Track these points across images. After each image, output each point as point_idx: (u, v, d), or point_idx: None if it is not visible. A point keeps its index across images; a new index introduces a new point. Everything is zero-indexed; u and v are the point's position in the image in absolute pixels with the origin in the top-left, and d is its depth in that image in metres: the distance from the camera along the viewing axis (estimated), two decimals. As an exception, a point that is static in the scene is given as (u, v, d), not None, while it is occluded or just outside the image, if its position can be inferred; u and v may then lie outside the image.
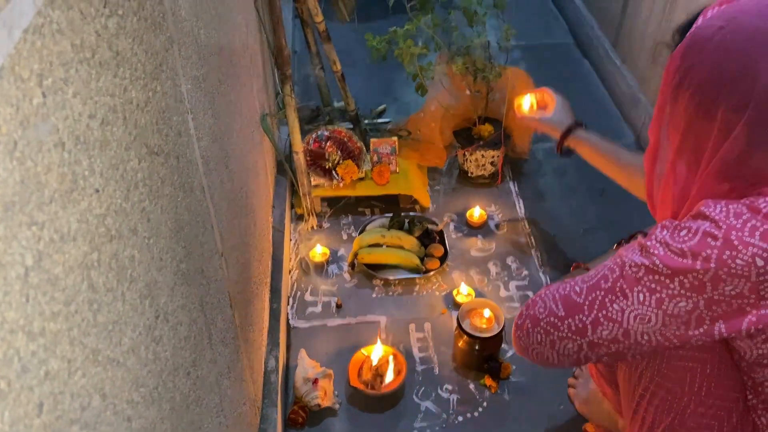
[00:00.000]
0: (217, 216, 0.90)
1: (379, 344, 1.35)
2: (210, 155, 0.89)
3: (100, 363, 0.47)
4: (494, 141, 1.83)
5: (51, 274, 0.41)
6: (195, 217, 0.76)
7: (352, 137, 1.77)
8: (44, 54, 0.42)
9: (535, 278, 1.60)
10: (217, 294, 0.86)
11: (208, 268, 0.81)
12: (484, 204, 1.83)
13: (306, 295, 1.56)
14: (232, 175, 1.06)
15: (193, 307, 0.72)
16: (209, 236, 0.83)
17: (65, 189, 0.44)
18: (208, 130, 0.88)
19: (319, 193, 1.75)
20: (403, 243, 1.63)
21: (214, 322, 0.82)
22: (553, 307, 0.80)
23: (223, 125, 1.01)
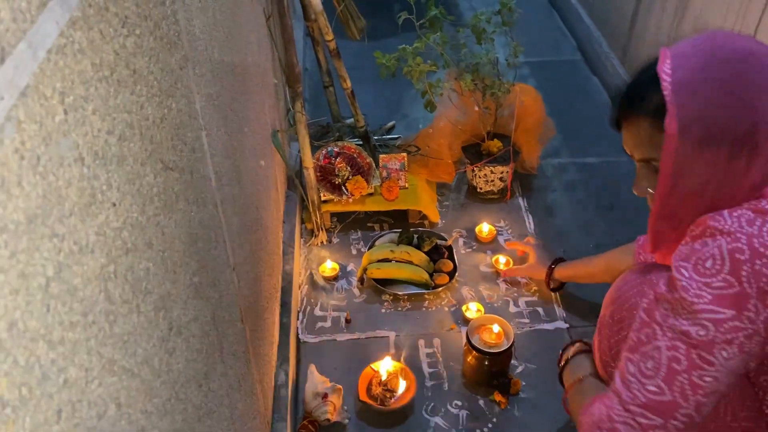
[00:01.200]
0: (229, 230, 0.91)
1: (388, 359, 1.36)
2: (222, 171, 0.90)
3: (116, 373, 0.48)
4: (503, 157, 1.84)
5: (70, 284, 0.42)
6: (208, 231, 0.78)
7: (362, 153, 1.79)
8: (66, 73, 0.43)
9: (545, 294, 1.60)
10: (229, 308, 0.87)
11: (219, 281, 0.82)
12: (493, 219, 1.83)
13: (315, 310, 1.57)
14: (244, 191, 1.07)
15: (205, 320, 0.73)
16: (221, 250, 0.85)
17: (84, 203, 0.45)
18: (221, 146, 0.90)
19: (328, 209, 1.76)
20: (412, 258, 1.64)
21: (225, 335, 0.83)
22: (644, 421, 0.72)
23: (235, 141, 1.02)
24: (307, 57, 2.54)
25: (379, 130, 2.14)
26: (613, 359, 1.00)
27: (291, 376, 1.33)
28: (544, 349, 1.46)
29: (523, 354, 1.44)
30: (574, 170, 2.05)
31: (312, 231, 1.77)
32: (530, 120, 1.86)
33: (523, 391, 1.37)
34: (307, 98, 2.36)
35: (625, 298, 0.97)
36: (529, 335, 1.49)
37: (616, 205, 1.89)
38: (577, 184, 1.99)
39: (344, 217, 1.83)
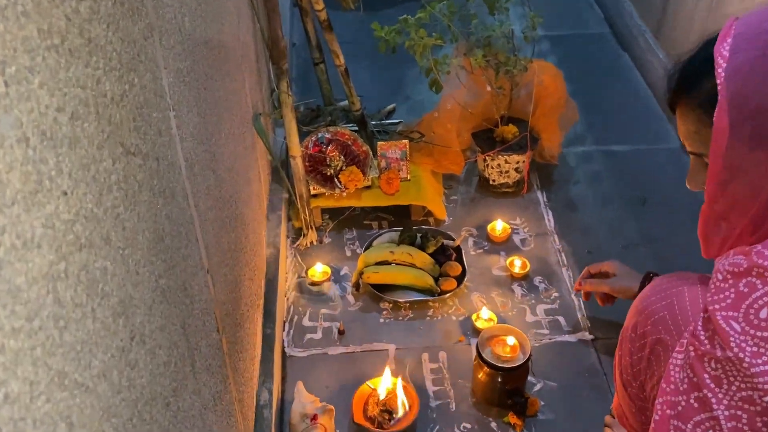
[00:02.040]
0: (203, 227, 0.91)
1: (387, 376, 1.35)
2: (195, 158, 0.89)
3: (67, 387, 0.48)
4: (519, 144, 1.83)
5: (12, 284, 0.42)
6: (177, 227, 0.77)
7: (357, 140, 1.78)
8: (7, 39, 0.43)
9: (567, 301, 1.59)
10: (202, 315, 0.86)
11: (191, 285, 0.82)
12: (508, 216, 1.83)
13: (304, 320, 1.57)
14: (220, 182, 1.07)
15: (174, 329, 0.73)
16: (193, 249, 0.84)
17: (29, 190, 0.45)
18: (192, 129, 0.89)
19: (319, 204, 1.76)
20: (414, 261, 1.64)
21: (198, 347, 0.82)
22: None
23: (210, 125, 1.02)
24: (294, 29, 2.53)
25: (377, 114, 2.13)
26: (634, 378, 1.00)
27: (276, 394, 1.33)
28: (566, 364, 1.45)
29: (541, 370, 1.43)
30: (600, 159, 2.04)
31: (300, 230, 1.76)
32: (550, 102, 1.85)
33: (541, 412, 1.36)
34: (294, 77, 2.35)
35: (651, 310, 0.97)
36: (548, 348, 1.49)
37: (650, 200, 1.88)
38: (604, 175, 1.99)
39: (337, 214, 1.83)
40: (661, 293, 0.98)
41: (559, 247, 1.74)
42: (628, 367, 1.00)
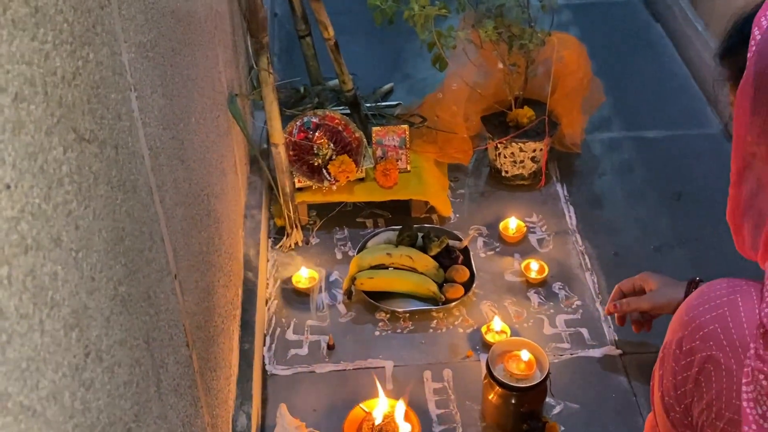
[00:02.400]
0: (170, 226, 0.91)
1: (383, 397, 1.35)
2: (160, 146, 0.89)
3: (11, 412, 0.48)
4: (536, 130, 1.83)
5: (-54, 292, 0.42)
6: (139, 225, 0.77)
7: (349, 125, 1.78)
8: (-60, 8, 0.43)
9: (590, 310, 1.60)
10: (169, 328, 0.86)
11: (156, 293, 0.82)
12: (523, 213, 1.83)
13: (288, 333, 1.56)
14: (190, 173, 1.06)
15: (136, 343, 0.73)
16: (158, 251, 0.84)
17: (-34, 183, 0.44)
18: (157, 113, 0.89)
19: (305, 199, 1.75)
20: (415, 264, 1.63)
21: (164, 364, 0.83)
22: None
23: (177, 108, 1.02)
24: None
25: (372, 95, 2.13)
26: (678, 401, 1.00)
27: (255, 419, 1.33)
28: (590, 383, 1.45)
29: (562, 390, 1.44)
30: (629, 147, 2.04)
31: (283, 229, 1.76)
32: (572, 81, 1.85)
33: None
34: (276, 52, 2.35)
35: (699, 323, 0.96)
36: (569, 365, 1.49)
37: (687, 194, 1.88)
38: (633, 165, 1.98)
39: (326, 210, 1.82)
40: (710, 302, 0.97)
41: (581, 249, 1.74)
42: (671, 389, 1.00)
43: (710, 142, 2.04)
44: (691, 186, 1.91)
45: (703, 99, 2.19)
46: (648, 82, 2.26)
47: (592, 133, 2.06)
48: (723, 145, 2.02)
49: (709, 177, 1.92)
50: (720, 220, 1.90)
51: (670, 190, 1.90)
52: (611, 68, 2.21)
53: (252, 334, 1.43)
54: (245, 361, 1.37)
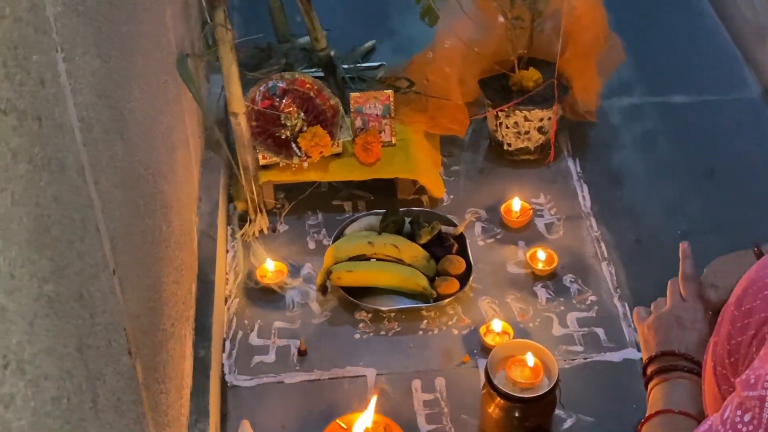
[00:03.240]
0: (107, 212, 0.90)
1: (367, 410, 1.36)
2: (94, 117, 0.88)
3: None
4: (543, 95, 1.83)
5: None
6: (69, 212, 0.76)
7: (323, 91, 1.78)
8: None
9: (608, 307, 1.60)
10: (107, 333, 0.86)
11: (90, 292, 0.81)
12: (529, 193, 1.83)
13: (251, 337, 1.56)
14: (131, 150, 1.05)
15: (66, 352, 0.72)
16: (93, 243, 0.84)
17: None
18: (90, 78, 0.88)
19: (271, 179, 1.75)
20: (402, 255, 1.64)
21: (101, 376, 0.82)
22: None
23: (115, 71, 1.00)
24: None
25: (350, 55, 2.12)
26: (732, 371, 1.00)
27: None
28: (607, 393, 1.47)
29: (573, 400, 1.44)
30: (653, 115, 2.05)
31: (245, 214, 1.76)
32: (585, 38, 1.85)
33: (573, 457, 1.38)
34: (235, 5, 2.33)
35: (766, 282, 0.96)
36: (582, 371, 1.50)
37: (720, 170, 1.89)
38: (658, 137, 1.99)
39: (296, 192, 1.82)
40: None
41: (597, 235, 1.75)
42: (725, 357, 1.00)
43: (748, 109, 2.05)
44: (726, 161, 1.91)
45: (740, 58, 2.20)
46: (675, 39, 2.26)
47: (610, 99, 2.06)
48: (763, 111, 2.03)
49: (746, 150, 1.93)
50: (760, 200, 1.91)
51: (700, 165, 1.90)
52: (632, 22, 2.21)
53: (209, 339, 1.43)
54: (201, 371, 1.37)
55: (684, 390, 1.11)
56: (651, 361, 1.18)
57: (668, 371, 1.14)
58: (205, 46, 1.80)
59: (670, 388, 1.12)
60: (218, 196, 1.71)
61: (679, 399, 1.10)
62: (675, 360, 1.15)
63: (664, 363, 1.15)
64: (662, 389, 1.13)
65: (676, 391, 1.11)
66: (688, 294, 1.22)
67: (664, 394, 1.12)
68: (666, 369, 1.14)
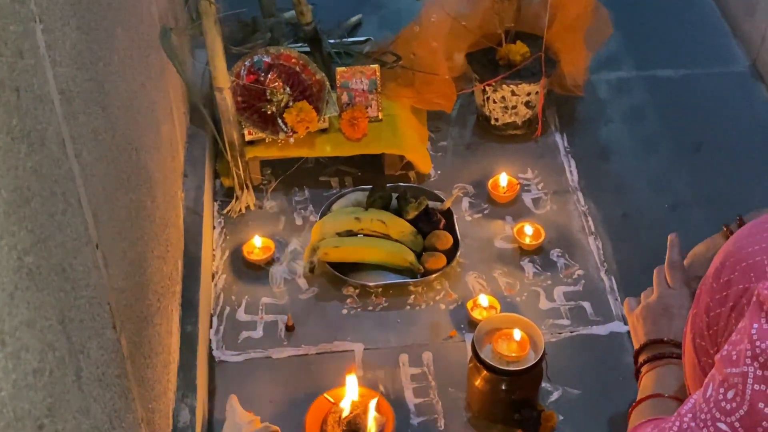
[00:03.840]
0: (89, 185, 0.90)
1: (352, 385, 1.36)
2: (74, 89, 0.88)
3: None
4: (531, 69, 1.83)
5: None
6: (49, 184, 0.76)
7: (309, 66, 1.77)
8: None
9: (594, 281, 1.61)
10: (90, 307, 0.86)
11: (72, 265, 0.81)
12: (516, 168, 1.83)
13: (239, 313, 1.57)
14: (113, 123, 1.05)
15: (48, 324, 0.72)
16: (74, 216, 0.83)
17: None
18: (70, 49, 0.88)
19: (257, 154, 1.75)
20: (389, 230, 1.64)
21: (84, 349, 0.82)
22: None
23: (96, 43, 1.00)
24: None
25: (337, 30, 2.11)
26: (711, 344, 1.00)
27: (200, 412, 1.33)
28: (593, 366, 1.47)
29: (560, 373, 1.45)
30: (641, 89, 2.05)
31: (232, 190, 1.75)
32: (573, 11, 1.85)
33: (560, 429, 1.38)
34: (222, -20, 2.31)
35: (744, 254, 0.96)
36: (569, 344, 1.51)
37: (707, 144, 1.90)
38: (645, 111, 1.99)
39: (283, 168, 1.82)
40: (763, 233, 0.97)
41: (584, 209, 1.75)
42: (704, 329, 1.00)
43: (736, 83, 2.05)
44: (713, 135, 1.92)
45: (728, 31, 2.19)
46: (663, 12, 2.26)
47: (598, 73, 2.05)
48: (750, 85, 2.03)
49: (734, 124, 1.94)
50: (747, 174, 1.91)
51: (688, 140, 1.91)
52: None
53: (195, 315, 1.43)
54: (187, 346, 1.37)
55: (673, 375, 1.12)
56: (641, 350, 1.19)
57: (658, 359, 1.15)
58: (189, 20, 1.79)
59: (660, 374, 1.13)
60: (204, 171, 1.70)
61: (668, 384, 1.11)
62: (664, 347, 1.16)
63: (654, 351, 1.16)
64: (652, 376, 1.14)
65: (665, 377, 1.12)
66: (674, 281, 1.23)
67: (654, 380, 1.13)
68: (656, 357, 1.15)
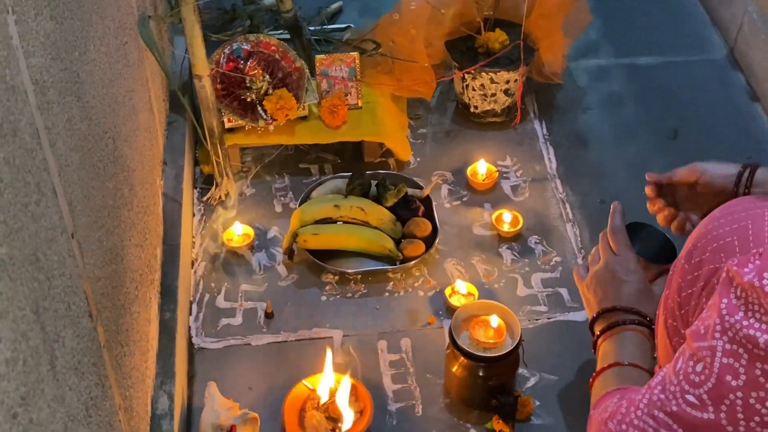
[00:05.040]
0: (64, 175, 0.90)
1: (330, 372, 1.37)
2: (48, 80, 0.88)
3: None
4: (509, 57, 1.83)
5: None
6: (23, 174, 0.76)
7: (288, 53, 1.77)
8: None
9: (571, 267, 1.60)
10: (65, 296, 0.86)
11: (47, 255, 0.81)
12: (495, 155, 1.84)
13: (218, 300, 1.57)
14: (89, 112, 1.05)
15: (22, 314, 0.72)
16: (49, 206, 0.83)
17: None
18: (43, 39, 0.87)
19: (237, 142, 1.74)
20: (368, 218, 1.64)
21: (59, 338, 0.82)
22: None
23: (71, 33, 0.99)
24: None
25: (316, 17, 2.10)
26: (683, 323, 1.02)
27: (179, 399, 1.33)
28: (570, 352, 1.48)
29: (537, 359, 1.46)
30: (619, 77, 2.06)
31: (211, 177, 1.75)
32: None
33: (536, 415, 1.39)
34: (202, -34, 2.30)
35: (716, 234, 0.97)
36: (546, 331, 1.52)
37: (684, 131, 1.91)
38: (624, 98, 2.00)
39: (263, 155, 1.82)
40: (733, 215, 0.98)
41: (562, 196, 1.76)
42: (676, 309, 1.02)
43: (713, 70, 2.06)
44: (691, 122, 1.93)
45: (707, 19, 2.20)
46: (642, 0, 2.26)
47: (577, 61, 2.06)
48: (728, 73, 2.04)
49: (711, 111, 1.95)
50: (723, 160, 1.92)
51: (666, 127, 1.92)
52: (599, -17, 2.20)
53: (174, 302, 1.43)
54: (166, 334, 1.37)
55: (631, 342, 1.13)
56: (595, 320, 1.20)
57: (613, 327, 1.16)
58: (167, 7, 1.78)
59: (618, 342, 1.15)
60: (184, 159, 1.70)
61: (627, 352, 1.13)
62: (617, 315, 1.17)
63: (608, 320, 1.18)
64: (610, 344, 1.16)
65: (623, 345, 1.14)
66: (618, 246, 1.24)
67: (612, 349, 1.14)
68: (610, 326, 1.16)
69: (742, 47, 2.04)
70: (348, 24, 2.10)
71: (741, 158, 1.80)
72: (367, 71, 1.86)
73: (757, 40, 1.96)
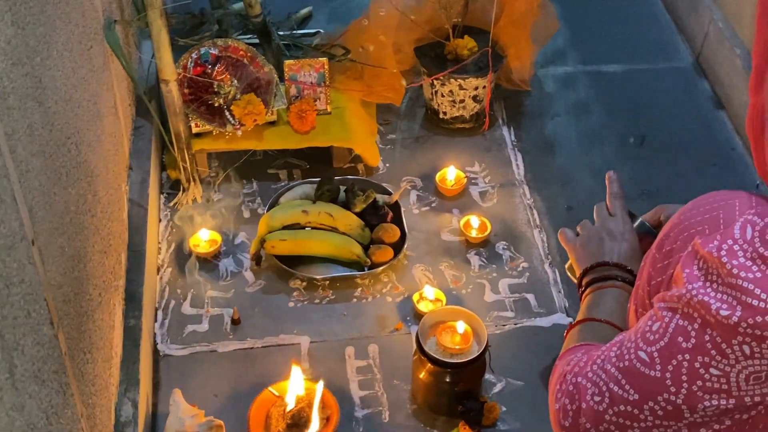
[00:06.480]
0: (24, 181, 0.89)
1: (297, 379, 1.37)
2: (9, 85, 0.87)
3: None
4: (478, 64, 1.84)
5: None
6: (-19, 181, 0.76)
7: (257, 58, 1.76)
8: None
9: (539, 273, 1.63)
10: (25, 304, 0.85)
11: (6, 262, 0.80)
12: (464, 161, 1.84)
13: (184, 306, 1.56)
14: (51, 118, 1.04)
15: (-21, 322, 0.72)
16: (8, 212, 0.82)
17: None
18: (4, 45, 0.87)
19: (204, 147, 1.74)
20: (336, 223, 1.64)
21: (18, 346, 0.82)
22: (616, 390, 0.85)
23: (32, 38, 0.99)
24: None
25: (286, 22, 2.10)
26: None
27: (143, 407, 1.33)
28: (536, 357, 1.49)
29: (503, 365, 1.47)
30: (586, 84, 2.07)
31: (178, 182, 1.74)
32: (520, 6, 1.86)
33: (502, 420, 1.40)
34: (170, -30, 2.29)
35: (687, 224, 0.99)
36: (513, 336, 1.53)
37: (650, 138, 1.93)
38: (590, 105, 2.02)
39: (230, 160, 1.81)
40: (705, 206, 0.99)
41: (530, 202, 1.77)
42: (645, 299, 1.03)
43: (679, 78, 2.08)
44: (656, 129, 1.95)
45: (673, 27, 2.23)
46: (609, 8, 2.28)
47: (545, 68, 2.08)
48: (693, 81, 2.07)
49: (677, 118, 1.97)
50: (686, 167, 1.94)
51: (632, 133, 1.94)
52: (567, -10, 2.22)
53: (139, 309, 1.42)
54: (130, 340, 1.36)
55: (613, 299, 1.14)
56: (585, 273, 1.20)
57: (602, 281, 1.16)
58: (134, 11, 1.78)
59: (600, 297, 1.15)
60: (150, 164, 1.69)
61: (605, 308, 1.13)
62: (608, 270, 1.17)
63: (598, 274, 1.18)
64: (592, 298, 1.16)
65: (604, 301, 1.14)
66: (615, 209, 1.25)
67: (593, 302, 1.15)
68: (600, 279, 1.17)
69: (708, 55, 2.07)
70: (317, 29, 2.10)
71: (706, 165, 1.84)
72: (337, 77, 1.86)
73: (722, 48, 1.99)
